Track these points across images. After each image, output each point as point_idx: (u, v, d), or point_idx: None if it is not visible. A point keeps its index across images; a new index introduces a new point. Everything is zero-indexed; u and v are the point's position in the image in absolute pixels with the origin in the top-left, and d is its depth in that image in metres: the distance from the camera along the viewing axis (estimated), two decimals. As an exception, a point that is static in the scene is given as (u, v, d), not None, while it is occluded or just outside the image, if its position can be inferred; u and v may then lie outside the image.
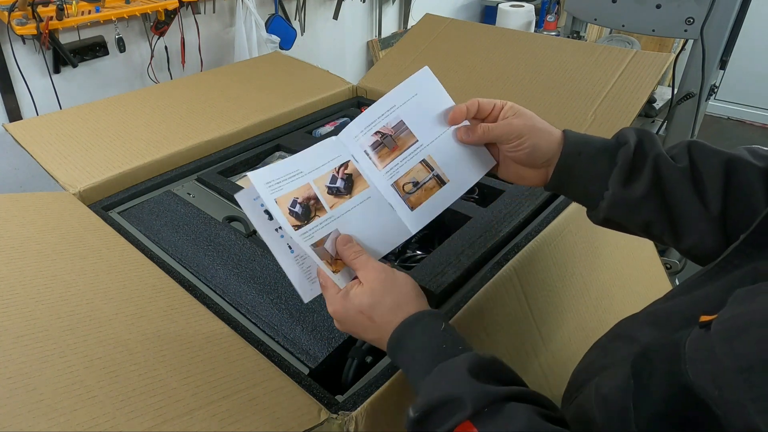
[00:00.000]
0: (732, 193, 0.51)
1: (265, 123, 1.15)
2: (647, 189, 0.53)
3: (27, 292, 0.62)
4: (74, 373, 0.52)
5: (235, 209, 0.92)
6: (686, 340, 0.36)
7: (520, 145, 0.57)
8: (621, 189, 0.54)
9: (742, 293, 0.35)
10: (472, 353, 0.47)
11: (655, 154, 0.54)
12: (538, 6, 3.25)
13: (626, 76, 1.08)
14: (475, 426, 0.41)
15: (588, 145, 0.58)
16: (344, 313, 0.54)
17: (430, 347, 0.49)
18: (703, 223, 0.52)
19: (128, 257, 0.74)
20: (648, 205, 0.54)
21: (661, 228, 0.54)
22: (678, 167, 0.53)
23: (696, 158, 0.53)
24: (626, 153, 0.55)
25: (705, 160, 0.53)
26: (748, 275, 0.42)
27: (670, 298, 0.50)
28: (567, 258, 0.81)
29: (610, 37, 1.96)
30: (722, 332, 0.33)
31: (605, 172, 0.56)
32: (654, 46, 2.87)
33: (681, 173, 0.53)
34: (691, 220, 0.53)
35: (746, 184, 0.50)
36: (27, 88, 1.57)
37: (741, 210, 0.51)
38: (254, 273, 0.75)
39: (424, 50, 1.34)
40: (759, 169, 0.50)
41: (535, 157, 0.57)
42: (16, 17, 1.42)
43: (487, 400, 0.42)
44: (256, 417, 0.52)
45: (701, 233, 0.52)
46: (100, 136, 1.03)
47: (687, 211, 0.53)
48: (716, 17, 1.43)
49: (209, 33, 2.03)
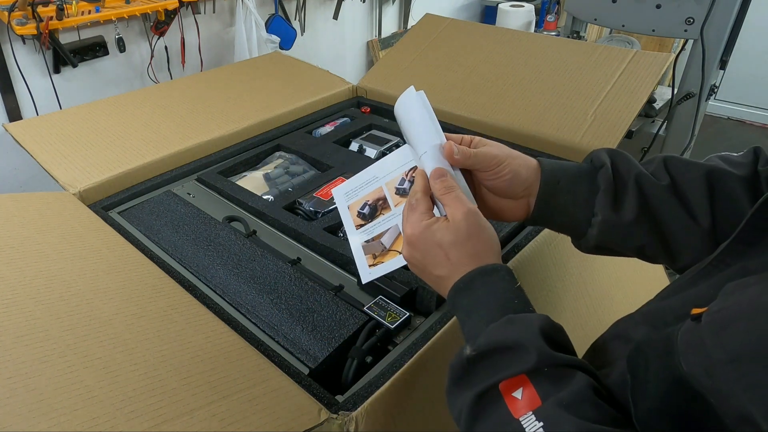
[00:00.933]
0: (718, 205, 0.51)
1: (265, 123, 1.15)
2: (637, 211, 0.52)
3: (27, 292, 0.62)
4: (74, 373, 0.52)
5: (235, 209, 0.92)
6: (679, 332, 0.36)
7: (501, 171, 0.55)
8: (611, 214, 0.53)
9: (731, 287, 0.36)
10: (545, 315, 0.46)
11: (635, 174, 0.54)
12: (538, 6, 3.25)
13: (626, 76, 1.08)
14: (532, 381, 0.40)
15: (565, 172, 0.56)
16: (422, 240, 0.51)
17: (501, 299, 0.48)
18: (696, 239, 0.52)
19: (128, 257, 0.74)
20: (640, 228, 0.53)
21: (655, 249, 0.54)
22: (661, 185, 0.53)
23: (675, 174, 0.53)
24: (606, 175, 0.54)
25: (685, 175, 0.53)
26: (737, 273, 0.42)
27: (664, 297, 0.50)
28: (566, 258, 0.81)
29: (610, 37, 1.96)
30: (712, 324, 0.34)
31: (588, 198, 0.55)
32: (654, 46, 2.87)
33: (665, 191, 0.53)
34: (683, 238, 0.52)
35: (730, 193, 0.51)
36: (27, 88, 1.57)
37: (729, 220, 0.51)
38: (254, 273, 0.75)
39: (424, 50, 1.34)
40: (738, 177, 0.51)
41: (515, 184, 0.56)
42: (16, 17, 1.42)
43: (552, 361, 0.41)
44: (256, 417, 0.52)
45: (695, 249, 0.52)
46: (100, 136, 1.03)
47: (678, 229, 0.52)
48: (716, 17, 1.43)
49: (209, 33, 2.03)
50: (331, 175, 0.98)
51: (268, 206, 0.89)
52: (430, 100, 0.58)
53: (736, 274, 0.42)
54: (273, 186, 0.98)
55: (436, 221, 0.52)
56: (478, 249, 0.51)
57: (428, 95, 0.59)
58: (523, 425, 0.38)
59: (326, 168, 1.03)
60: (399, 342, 0.66)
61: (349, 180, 0.64)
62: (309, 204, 0.89)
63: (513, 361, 0.42)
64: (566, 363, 0.42)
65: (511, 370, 0.41)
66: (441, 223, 0.51)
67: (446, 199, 0.52)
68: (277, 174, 1.01)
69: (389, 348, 0.66)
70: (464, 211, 0.51)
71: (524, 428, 0.38)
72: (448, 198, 0.52)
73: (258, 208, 0.89)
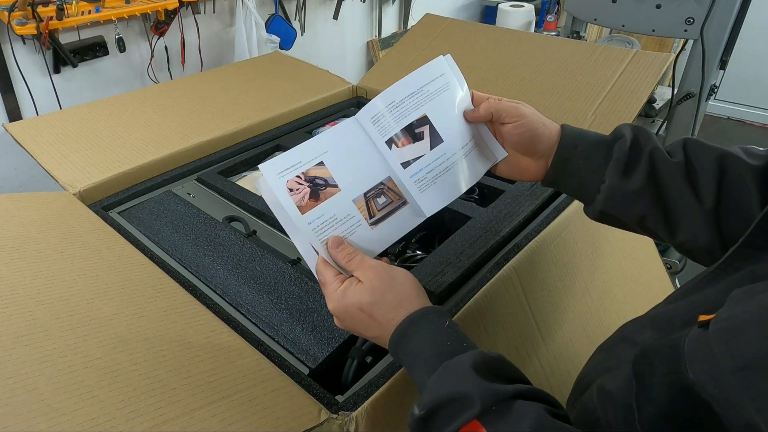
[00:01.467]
0: (725, 189, 0.52)
1: (265, 123, 1.15)
2: (643, 181, 0.54)
3: (27, 292, 0.62)
4: (74, 373, 0.52)
5: (235, 209, 0.92)
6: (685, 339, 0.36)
7: (522, 125, 0.58)
8: (617, 180, 0.55)
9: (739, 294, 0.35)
10: (478, 351, 0.46)
11: (650, 148, 0.55)
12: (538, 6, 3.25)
13: (626, 76, 1.08)
14: (483, 425, 0.40)
15: (584, 139, 0.58)
16: (343, 311, 0.53)
17: (434, 345, 0.48)
18: (697, 218, 0.52)
19: (128, 257, 0.74)
20: (643, 197, 0.54)
21: (656, 222, 0.55)
22: (673, 161, 0.54)
23: (691, 154, 0.54)
24: (622, 146, 0.56)
25: (699, 156, 0.53)
26: (746, 277, 0.42)
27: (671, 301, 0.50)
28: (567, 258, 0.81)
29: (610, 37, 1.96)
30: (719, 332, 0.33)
31: (601, 166, 0.56)
32: (654, 46, 2.87)
33: (676, 168, 0.54)
34: (685, 215, 0.53)
35: (739, 180, 0.51)
36: (27, 88, 1.57)
37: (733, 206, 0.51)
38: (254, 273, 0.75)
39: (424, 50, 1.34)
40: (752, 167, 0.51)
41: (534, 142, 0.58)
42: (16, 17, 1.42)
43: (496, 398, 0.41)
44: (256, 417, 0.52)
45: (695, 228, 0.53)
46: (100, 136, 1.03)
47: (681, 205, 0.53)
48: (716, 17, 1.43)
49: (209, 33, 2.02)
50: (331, 175, 0.98)
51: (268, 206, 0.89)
52: None
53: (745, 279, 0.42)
54: (273, 186, 0.98)
55: (350, 285, 0.53)
56: (399, 298, 0.52)
57: None
58: None
59: (326, 168, 1.03)
60: (399, 342, 0.66)
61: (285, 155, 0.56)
62: (309, 204, 0.89)
63: (460, 411, 0.42)
64: (512, 395, 0.42)
65: (461, 420, 0.41)
66: (355, 287, 0.52)
67: (352, 265, 0.54)
68: (277, 174, 1.01)
69: (389, 348, 0.66)
70: (373, 268, 0.53)
71: None
72: (354, 263, 0.54)
73: (258, 208, 0.89)
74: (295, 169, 0.56)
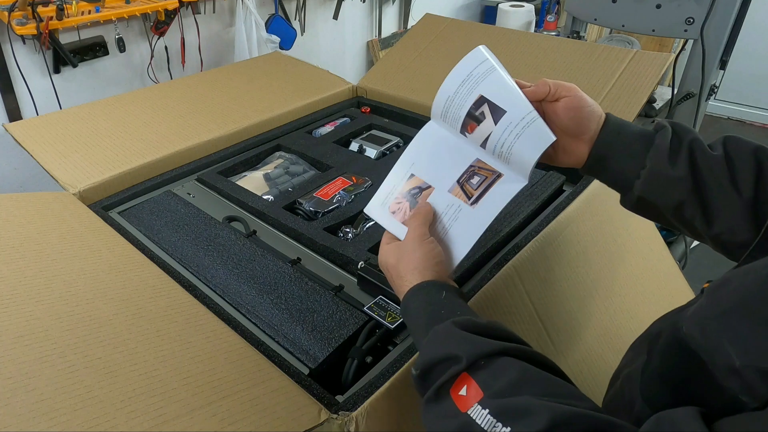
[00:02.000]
0: (763, 181, 0.52)
1: (265, 123, 1.15)
2: (684, 169, 0.54)
3: (27, 292, 0.62)
4: (74, 373, 0.52)
5: (235, 209, 0.92)
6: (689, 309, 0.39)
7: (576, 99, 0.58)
8: (659, 165, 0.55)
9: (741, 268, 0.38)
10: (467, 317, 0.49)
11: (691, 139, 0.56)
12: (538, 6, 3.25)
13: (626, 76, 1.08)
14: (472, 376, 0.44)
15: (627, 127, 0.59)
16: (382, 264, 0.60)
17: (428, 313, 0.52)
18: (735, 208, 0.52)
19: (128, 257, 0.74)
20: (684, 184, 0.54)
21: (693, 210, 0.55)
22: (712, 154, 0.55)
23: (729, 148, 0.55)
24: (664, 135, 0.56)
25: (737, 149, 0.54)
26: None
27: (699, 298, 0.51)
28: (568, 258, 0.81)
29: (610, 37, 1.95)
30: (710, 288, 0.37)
31: (641, 154, 0.57)
32: (654, 46, 2.87)
33: (715, 159, 0.54)
34: (723, 205, 0.53)
35: None
36: (27, 88, 1.57)
37: None
38: (254, 273, 0.75)
39: (424, 50, 1.34)
40: None
41: (585, 122, 0.58)
42: (16, 17, 1.42)
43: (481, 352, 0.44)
44: (256, 417, 0.52)
45: (732, 218, 0.53)
46: (100, 136, 1.03)
47: (720, 195, 0.53)
48: (716, 17, 1.43)
49: (209, 33, 2.03)
50: (331, 175, 0.98)
51: (268, 206, 0.89)
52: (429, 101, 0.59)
53: None
54: (273, 186, 0.98)
55: (387, 243, 0.59)
56: (411, 267, 0.56)
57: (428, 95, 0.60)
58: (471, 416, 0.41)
59: (326, 168, 1.03)
60: (399, 342, 0.66)
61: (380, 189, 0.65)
62: (309, 204, 0.89)
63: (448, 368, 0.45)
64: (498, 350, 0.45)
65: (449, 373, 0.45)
66: (391, 245, 0.58)
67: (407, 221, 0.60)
68: (277, 174, 1.01)
69: (389, 348, 0.66)
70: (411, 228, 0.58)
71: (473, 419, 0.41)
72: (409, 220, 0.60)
73: (258, 208, 0.89)
74: (392, 195, 0.64)
